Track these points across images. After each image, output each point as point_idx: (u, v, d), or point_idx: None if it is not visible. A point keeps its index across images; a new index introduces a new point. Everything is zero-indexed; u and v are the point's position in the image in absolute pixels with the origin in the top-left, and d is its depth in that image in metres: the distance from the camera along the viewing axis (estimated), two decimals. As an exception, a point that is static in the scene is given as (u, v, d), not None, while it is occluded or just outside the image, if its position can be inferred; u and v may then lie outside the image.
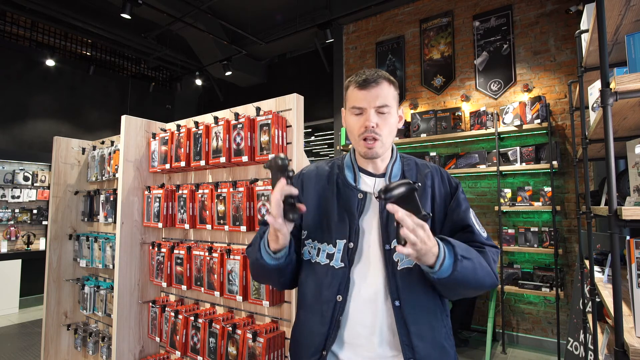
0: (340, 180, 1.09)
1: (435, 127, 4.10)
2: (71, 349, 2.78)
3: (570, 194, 3.61)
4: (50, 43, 6.25)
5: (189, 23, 5.19)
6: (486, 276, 0.94)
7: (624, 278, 1.63)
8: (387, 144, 1.03)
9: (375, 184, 1.07)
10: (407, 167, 1.09)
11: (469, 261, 0.89)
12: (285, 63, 7.09)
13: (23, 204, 5.42)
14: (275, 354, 1.55)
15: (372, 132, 0.98)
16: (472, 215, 1.05)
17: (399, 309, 0.94)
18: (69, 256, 2.76)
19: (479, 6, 4.20)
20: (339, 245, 1.01)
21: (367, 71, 1.02)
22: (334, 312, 0.98)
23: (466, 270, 0.88)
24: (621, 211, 1.09)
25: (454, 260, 0.87)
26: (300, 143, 1.67)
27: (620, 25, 1.49)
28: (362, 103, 1.00)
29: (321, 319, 0.99)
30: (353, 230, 1.01)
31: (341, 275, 0.99)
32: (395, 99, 1.03)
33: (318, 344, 0.99)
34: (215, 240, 1.97)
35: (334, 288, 0.99)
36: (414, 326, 0.94)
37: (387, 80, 1.01)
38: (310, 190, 1.10)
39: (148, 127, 2.23)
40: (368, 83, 0.99)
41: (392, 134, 1.03)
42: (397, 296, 0.95)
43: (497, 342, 3.80)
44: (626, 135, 1.75)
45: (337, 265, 1.00)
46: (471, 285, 0.91)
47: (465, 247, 0.93)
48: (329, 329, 0.98)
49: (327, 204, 1.06)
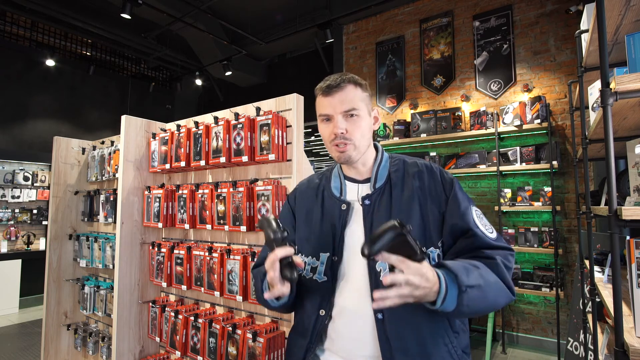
0: (326, 192, 1.07)
1: (435, 127, 4.10)
2: (71, 349, 2.78)
3: (570, 194, 3.61)
4: (50, 43, 6.25)
5: (189, 23, 5.20)
6: (499, 296, 0.86)
7: (624, 278, 1.63)
8: (361, 147, 0.99)
9: (358, 190, 1.03)
10: (394, 167, 1.04)
11: (476, 289, 0.81)
12: (285, 63, 7.09)
13: (23, 204, 5.42)
14: (275, 354, 1.55)
15: (342, 137, 0.96)
16: (475, 215, 0.95)
17: (381, 322, 0.90)
18: (69, 256, 2.76)
19: (479, 6, 4.20)
20: (322, 259, 0.99)
21: (332, 76, 0.99)
22: (315, 326, 0.97)
23: (474, 301, 0.80)
24: (621, 211, 1.09)
25: (457, 293, 0.79)
26: (300, 143, 1.67)
27: (620, 25, 1.49)
28: (328, 110, 0.97)
29: (303, 332, 0.99)
30: (337, 242, 0.98)
31: (323, 290, 0.97)
32: (364, 101, 0.99)
33: (299, 356, 0.99)
34: (215, 240, 1.97)
35: (316, 302, 0.98)
36: (397, 341, 0.88)
37: (352, 83, 0.98)
38: (301, 205, 1.10)
39: (148, 127, 2.23)
40: (331, 89, 0.97)
41: (365, 137, 0.99)
42: (380, 309, 0.89)
43: (497, 342, 3.80)
44: (626, 135, 1.75)
45: (319, 279, 0.98)
46: (482, 311, 0.85)
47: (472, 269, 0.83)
48: (309, 342, 0.97)
49: (313, 217, 1.05)
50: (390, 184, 1.00)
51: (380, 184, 1.01)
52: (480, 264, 0.87)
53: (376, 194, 0.99)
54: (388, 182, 1.01)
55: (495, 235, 0.95)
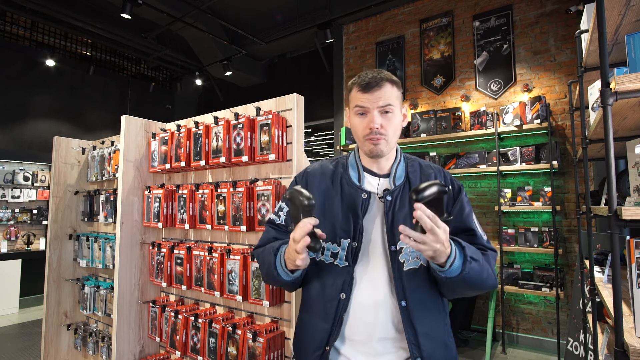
0: (344, 180, 1.10)
1: (435, 127, 4.10)
2: (71, 349, 2.78)
3: (570, 194, 3.61)
4: (50, 43, 6.25)
5: (189, 23, 5.19)
6: (488, 278, 0.97)
7: (624, 278, 1.63)
8: (392, 143, 1.05)
9: (379, 184, 1.08)
10: (411, 168, 1.10)
11: (477, 263, 0.92)
12: (285, 63, 7.09)
13: (23, 204, 5.42)
14: (275, 354, 1.55)
15: (377, 132, 1.01)
16: (475, 219, 1.08)
17: (405, 309, 0.96)
18: (69, 256, 2.76)
19: (479, 6, 4.21)
20: (343, 244, 1.03)
21: (370, 73, 1.02)
22: (337, 310, 1.00)
23: (473, 272, 0.91)
24: (621, 211, 1.09)
25: (463, 261, 0.90)
26: (300, 143, 1.67)
27: (620, 25, 1.49)
28: (365, 103, 1.01)
29: (325, 316, 1.01)
30: (357, 229, 1.02)
31: (345, 274, 1.01)
32: (399, 99, 1.05)
33: (321, 340, 1.01)
34: (215, 240, 1.97)
35: (338, 286, 1.01)
36: (421, 326, 0.96)
37: (389, 81, 1.02)
38: (315, 189, 1.10)
39: (148, 127, 2.23)
40: (371, 87, 1.00)
41: (396, 134, 1.06)
42: (404, 297, 0.97)
43: (497, 342, 3.80)
44: (626, 135, 1.75)
45: (341, 264, 1.02)
46: (475, 285, 0.95)
47: (474, 249, 0.96)
48: (332, 325, 1.00)
49: (331, 203, 1.08)
50: (409, 182, 1.07)
51: (400, 181, 1.07)
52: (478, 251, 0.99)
53: (397, 191, 1.05)
54: (407, 180, 1.07)
55: (486, 238, 1.08)
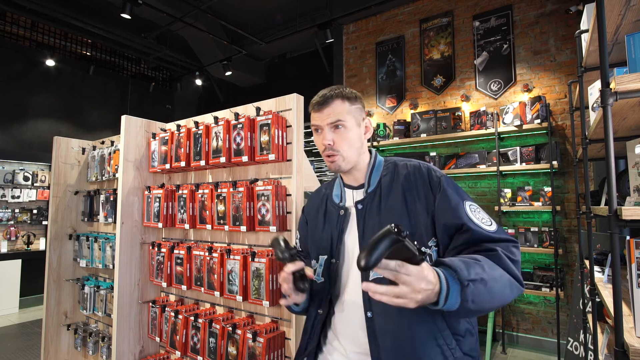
0: (328, 201, 1.15)
1: (435, 127, 4.10)
2: (71, 349, 2.78)
3: (570, 194, 3.61)
4: (50, 43, 6.25)
5: (189, 23, 5.20)
6: (506, 289, 0.81)
7: (624, 278, 1.63)
8: (349, 157, 1.04)
9: (353, 196, 1.10)
10: (385, 172, 1.07)
11: (480, 283, 0.75)
12: (285, 63, 7.09)
13: (23, 204, 5.42)
14: (275, 354, 1.55)
15: (330, 149, 1.03)
16: (468, 210, 0.91)
17: (370, 320, 0.94)
18: (69, 256, 2.76)
19: (479, 6, 4.20)
20: (320, 261, 1.08)
21: (323, 91, 1.06)
22: (314, 323, 1.06)
23: (479, 296, 0.75)
24: (621, 211, 1.09)
25: (460, 289, 0.74)
26: (300, 143, 1.67)
27: (620, 25, 1.49)
28: (316, 121, 1.05)
29: (305, 329, 1.10)
30: (334, 246, 1.05)
31: (321, 290, 1.06)
32: (352, 113, 1.04)
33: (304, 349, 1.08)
34: (215, 240, 1.97)
35: (316, 302, 1.07)
36: (385, 340, 0.89)
37: (340, 97, 1.03)
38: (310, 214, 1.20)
39: (148, 127, 2.23)
40: (320, 104, 1.04)
41: (353, 147, 1.04)
42: (369, 307, 0.94)
43: (497, 342, 3.80)
44: (626, 135, 1.75)
45: (318, 280, 1.07)
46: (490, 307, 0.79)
47: (472, 263, 0.78)
48: (308, 338, 1.07)
49: (316, 225, 1.15)
50: (381, 188, 1.04)
51: (372, 188, 1.06)
52: (481, 257, 0.82)
53: (368, 199, 1.04)
54: (379, 186, 1.05)
55: (495, 227, 0.91)
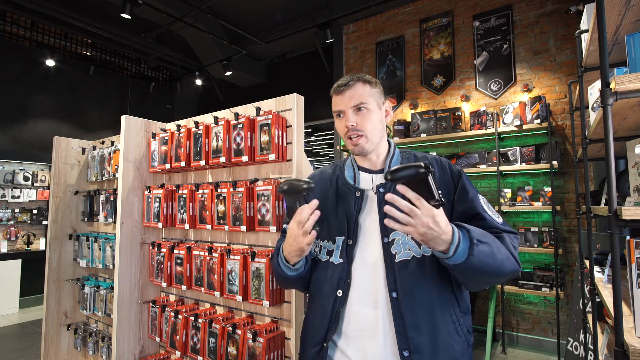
0: (340, 181, 1.14)
1: (435, 127, 4.10)
2: (71, 349, 2.78)
3: (570, 194, 3.61)
4: (50, 43, 6.25)
5: (189, 23, 5.20)
6: (505, 260, 0.91)
7: (624, 278, 1.63)
8: (373, 139, 1.07)
9: (372, 180, 1.10)
10: (406, 160, 1.12)
11: (486, 245, 0.87)
12: (285, 63, 7.09)
13: (23, 204, 5.42)
14: (275, 354, 1.55)
15: (354, 130, 1.04)
16: (482, 202, 1.03)
17: (396, 300, 0.96)
18: (69, 256, 2.76)
19: (479, 6, 4.20)
20: (338, 242, 1.06)
21: (344, 77, 1.08)
22: (334, 306, 1.02)
23: (483, 255, 0.85)
24: (621, 211, 1.09)
25: (469, 245, 0.85)
26: (300, 143, 1.67)
27: (620, 25, 1.49)
28: (339, 106, 1.07)
29: (322, 313, 1.05)
30: (351, 227, 1.05)
31: (340, 271, 1.04)
32: (374, 96, 1.07)
33: (320, 336, 1.04)
34: (215, 240, 1.97)
35: (334, 283, 1.04)
36: (410, 317, 0.94)
37: (361, 80, 1.06)
38: (316, 193, 1.15)
39: (148, 127, 2.23)
40: (341, 87, 1.06)
41: (376, 129, 1.07)
42: (395, 288, 0.97)
43: (497, 342, 3.80)
44: (626, 135, 1.75)
45: (336, 262, 1.05)
46: (490, 270, 0.88)
47: (482, 232, 0.91)
48: (329, 322, 1.03)
49: (327, 204, 1.12)
50: None
51: None
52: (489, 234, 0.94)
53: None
54: None
55: (502, 220, 1.02)
